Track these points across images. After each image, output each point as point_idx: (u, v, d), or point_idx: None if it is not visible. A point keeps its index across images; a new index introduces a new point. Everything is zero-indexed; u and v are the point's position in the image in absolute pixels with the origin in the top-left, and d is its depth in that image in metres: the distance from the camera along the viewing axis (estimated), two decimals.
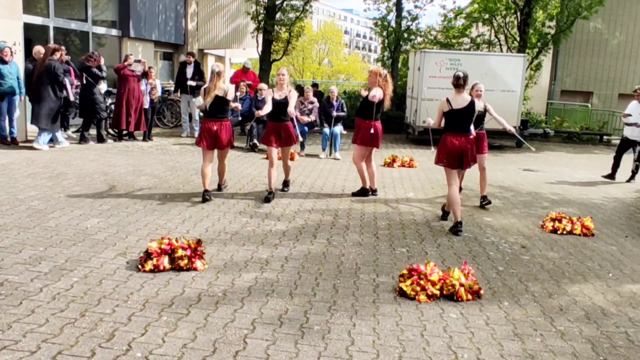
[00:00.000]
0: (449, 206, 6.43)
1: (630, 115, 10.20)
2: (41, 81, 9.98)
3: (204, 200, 6.82)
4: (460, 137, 6.29)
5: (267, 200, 7.11)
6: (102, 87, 11.09)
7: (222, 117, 7.04)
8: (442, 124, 6.45)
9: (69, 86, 10.43)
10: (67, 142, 10.71)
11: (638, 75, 22.25)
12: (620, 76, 21.76)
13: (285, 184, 7.94)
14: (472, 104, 6.32)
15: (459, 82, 6.27)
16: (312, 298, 4.14)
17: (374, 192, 7.93)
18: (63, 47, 10.78)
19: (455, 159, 6.29)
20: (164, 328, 3.51)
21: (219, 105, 7.00)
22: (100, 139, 11.31)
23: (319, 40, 54.69)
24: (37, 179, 7.55)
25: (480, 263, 5.24)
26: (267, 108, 7.34)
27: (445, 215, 6.80)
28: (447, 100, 6.36)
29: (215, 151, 7.12)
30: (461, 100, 6.31)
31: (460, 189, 7.21)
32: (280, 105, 7.27)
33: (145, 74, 11.54)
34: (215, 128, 6.92)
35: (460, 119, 6.30)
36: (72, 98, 10.58)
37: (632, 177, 10.30)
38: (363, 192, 7.86)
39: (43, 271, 4.31)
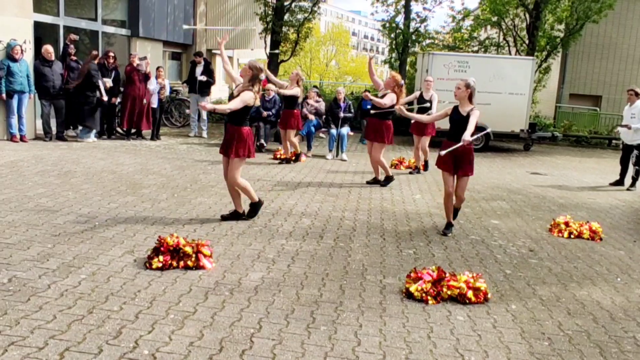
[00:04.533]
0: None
1: (629, 127, 10.10)
2: (83, 83, 10.83)
3: None
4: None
5: None
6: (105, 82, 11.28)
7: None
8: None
9: (102, 87, 11.08)
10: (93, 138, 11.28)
11: None
12: (630, 80, 21.63)
13: None
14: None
15: None
16: (318, 298, 4.14)
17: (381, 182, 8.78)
18: (95, 53, 11.41)
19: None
20: (171, 326, 3.51)
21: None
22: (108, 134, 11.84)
23: (326, 41, 54.67)
24: (45, 176, 7.59)
25: (487, 266, 5.22)
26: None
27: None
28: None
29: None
30: None
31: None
32: None
33: (147, 76, 11.60)
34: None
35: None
36: (104, 98, 11.14)
37: (633, 184, 10.15)
38: (389, 180, 8.77)
39: (51, 268, 4.32)
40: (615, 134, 11.03)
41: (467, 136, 5.74)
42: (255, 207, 6.26)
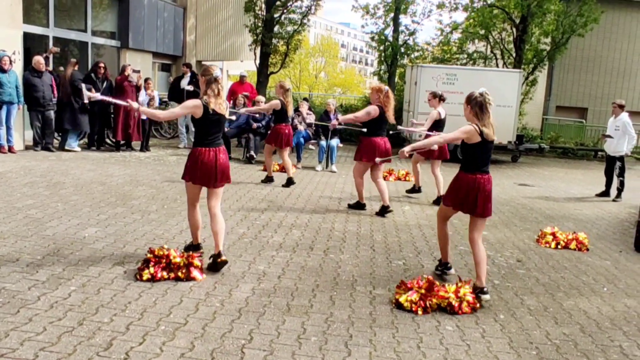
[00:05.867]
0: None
1: (611, 137, 10.33)
2: (67, 90, 11.04)
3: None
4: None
5: None
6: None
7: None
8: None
9: (84, 91, 11.01)
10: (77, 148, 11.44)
11: (632, 92, 22.51)
12: (615, 93, 22.00)
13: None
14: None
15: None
16: (309, 309, 4.16)
17: (387, 209, 7.59)
18: (74, 60, 11.58)
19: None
20: (162, 337, 3.52)
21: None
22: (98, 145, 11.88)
23: (315, 53, 54.94)
24: (34, 187, 7.55)
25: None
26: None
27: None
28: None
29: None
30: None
31: None
32: None
33: (138, 88, 11.67)
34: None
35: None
36: (86, 101, 11.11)
37: (619, 195, 10.29)
38: (359, 206, 7.86)
39: (41, 280, 4.31)
40: (600, 139, 11.21)
41: (406, 147, 5.20)
42: (191, 248, 5.17)
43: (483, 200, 4.75)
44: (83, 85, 10.95)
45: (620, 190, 10.26)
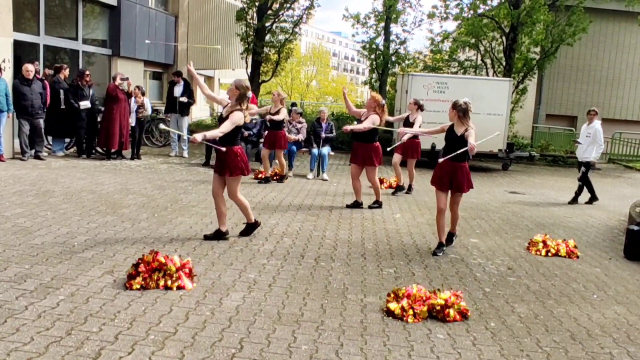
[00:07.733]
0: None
1: (580, 143, 10.55)
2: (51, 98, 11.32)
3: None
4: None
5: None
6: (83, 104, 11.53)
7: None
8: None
9: (62, 96, 11.40)
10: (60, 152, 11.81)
11: (620, 100, 22.75)
12: (604, 101, 22.24)
13: None
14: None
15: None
16: (299, 318, 4.14)
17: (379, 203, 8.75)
18: (57, 65, 11.74)
19: None
20: (151, 347, 3.49)
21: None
22: (88, 153, 11.90)
23: (307, 62, 55.03)
24: (23, 196, 7.50)
25: (467, 284, 5.28)
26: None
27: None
28: None
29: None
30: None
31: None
32: None
33: (129, 95, 11.67)
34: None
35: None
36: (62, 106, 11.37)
37: (593, 198, 10.48)
38: (378, 204, 8.71)
39: (28, 289, 4.27)
40: (572, 145, 11.63)
41: (472, 141, 5.99)
42: (251, 227, 6.39)
43: None
44: (62, 92, 11.30)
45: (577, 194, 10.46)
